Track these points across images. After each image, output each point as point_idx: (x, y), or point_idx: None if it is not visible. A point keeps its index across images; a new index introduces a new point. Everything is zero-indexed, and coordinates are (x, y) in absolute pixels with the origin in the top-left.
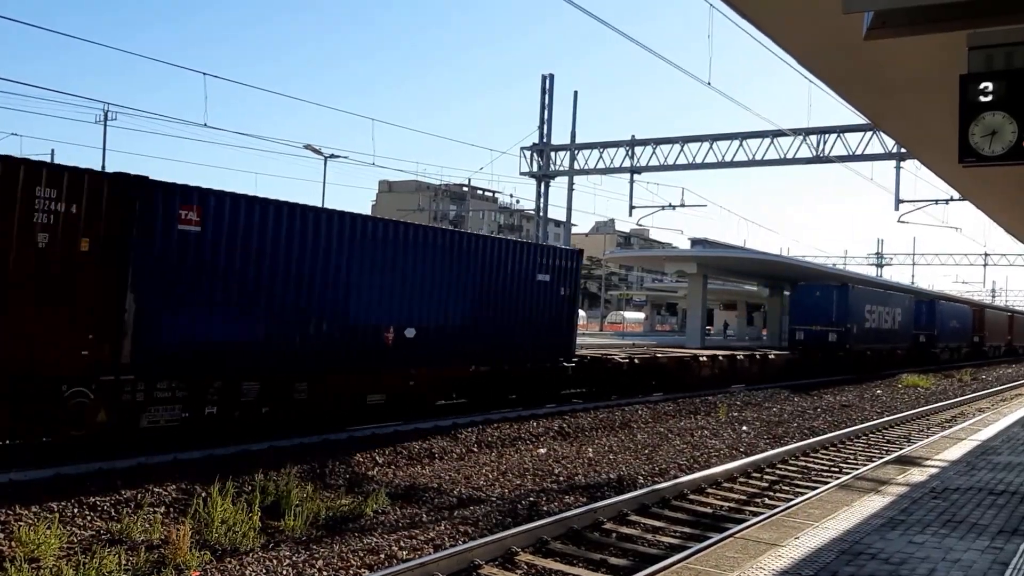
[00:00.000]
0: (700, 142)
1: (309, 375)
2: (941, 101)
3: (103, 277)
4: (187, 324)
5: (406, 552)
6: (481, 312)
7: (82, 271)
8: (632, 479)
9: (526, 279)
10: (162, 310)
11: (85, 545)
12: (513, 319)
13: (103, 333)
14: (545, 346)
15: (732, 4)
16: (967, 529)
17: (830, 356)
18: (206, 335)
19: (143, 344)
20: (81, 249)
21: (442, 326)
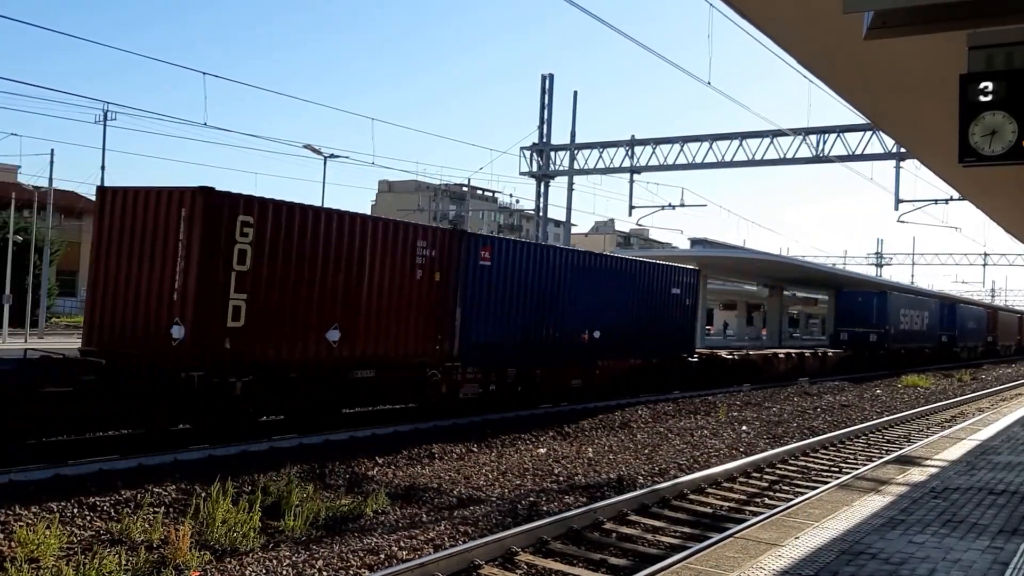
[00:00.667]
0: (700, 142)
1: (541, 365)
2: (941, 101)
3: (445, 297)
4: (482, 328)
5: (406, 552)
6: (637, 318)
7: (435, 293)
8: (632, 479)
9: (665, 292)
10: (471, 318)
11: (85, 545)
12: (657, 323)
13: (445, 335)
14: (677, 344)
15: (732, 4)
16: (967, 529)
17: (872, 354)
18: (490, 336)
19: (463, 342)
20: (435, 279)
21: (614, 329)
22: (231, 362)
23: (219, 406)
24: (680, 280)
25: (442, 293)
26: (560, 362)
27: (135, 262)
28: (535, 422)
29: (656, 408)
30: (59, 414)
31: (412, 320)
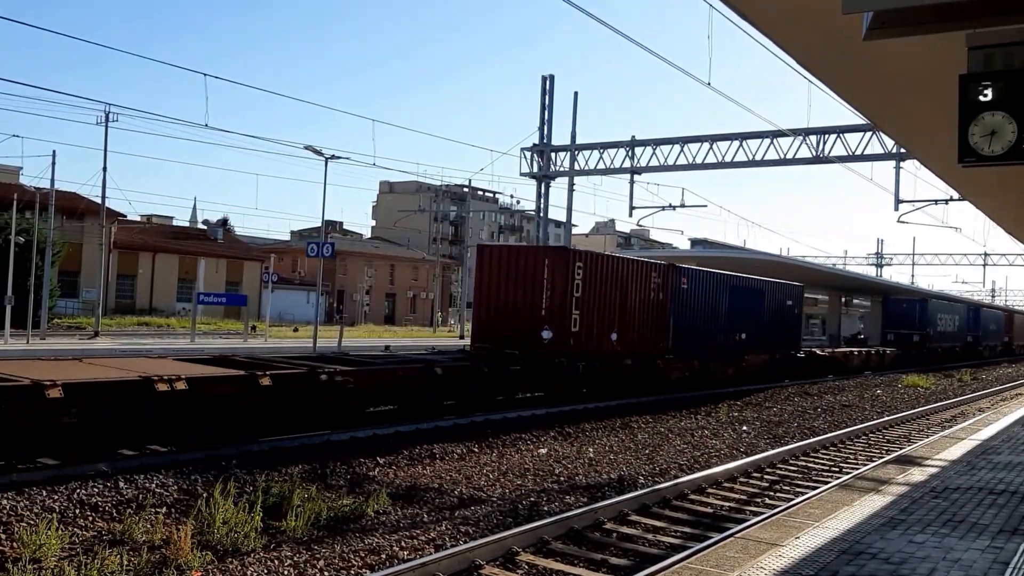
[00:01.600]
0: (700, 142)
1: (714, 358)
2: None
3: (664, 311)
4: (682, 332)
5: (407, 552)
6: (766, 324)
7: (659, 309)
8: (633, 479)
9: (783, 304)
10: (677, 325)
11: (87, 546)
12: (778, 328)
13: (664, 336)
14: (789, 344)
15: (731, 5)
16: (967, 529)
17: (917, 352)
18: (686, 337)
19: (673, 341)
20: (660, 299)
21: (753, 332)
22: (574, 352)
23: (570, 379)
24: (791, 294)
25: (663, 308)
26: (724, 356)
27: (512, 290)
28: (536, 422)
29: (657, 408)
30: (510, 383)
31: (649, 327)
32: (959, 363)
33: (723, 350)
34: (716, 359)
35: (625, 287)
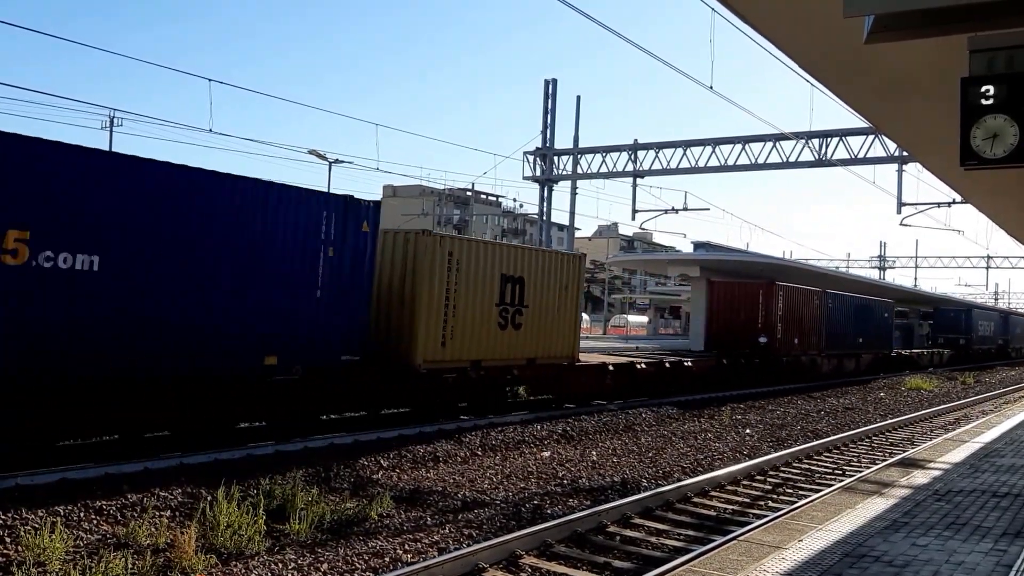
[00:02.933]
0: (703, 146)
1: (846, 355)
2: (942, 104)
3: (821, 323)
4: (831, 335)
5: (410, 555)
6: (872, 329)
7: (818, 322)
8: (636, 482)
9: (882, 315)
10: (828, 330)
11: (91, 549)
12: (879, 334)
13: (821, 338)
14: (883, 346)
15: (733, 9)
16: (971, 531)
17: (963, 353)
18: (833, 340)
19: (826, 342)
20: (818, 315)
21: (865, 337)
22: (779, 353)
23: (778, 370)
24: (886, 308)
25: (820, 321)
26: (850, 354)
27: (736, 311)
28: (539, 425)
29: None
30: (738, 373)
31: (813, 335)
32: (994, 362)
33: (850, 350)
34: (846, 357)
35: (803, 308)
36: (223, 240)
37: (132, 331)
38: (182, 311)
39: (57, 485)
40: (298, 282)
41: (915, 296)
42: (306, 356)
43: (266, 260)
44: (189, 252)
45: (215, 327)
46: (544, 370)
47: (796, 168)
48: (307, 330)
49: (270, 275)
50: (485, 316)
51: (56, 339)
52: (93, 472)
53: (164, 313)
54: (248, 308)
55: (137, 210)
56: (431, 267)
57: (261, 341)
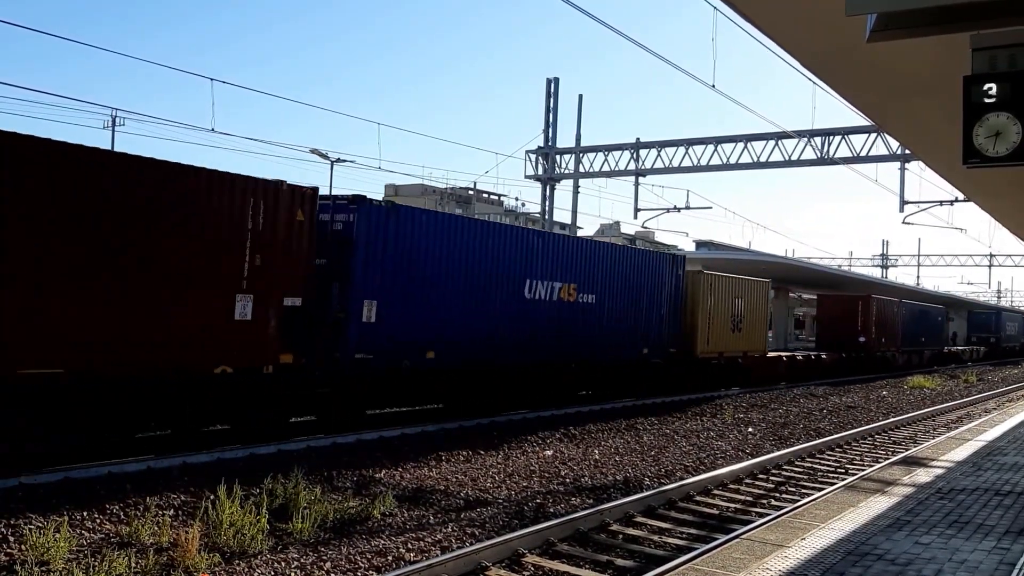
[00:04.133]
0: (705, 145)
1: (911, 354)
2: (945, 102)
3: (897, 325)
4: (901, 336)
5: (413, 554)
6: (929, 330)
7: (896, 324)
8: (638, 481)
9: (936, 319)
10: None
11: (95, 548)
12: (935, 332)
13: (896, 339)
14: (940, 342)
15: (735, 7)
16: (973, 530)
17: (994, 350)
18: (910, 343)
19: (902, 340)
20: (895, 319)
21: (927, 337)
22: (871, 351)
23: (870, 365)
24: (940, 312)
25: (896, 324)
26: (914, 351)
27: (840, 317)
28: (541, 424)
29: (662, 410)
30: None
31: (893, 334)
32: (1018, 358)
33: (917, 347)
34: (914, 352)
35: (885, 314)
36: (646, 282)
37: (604, 336)
38: (625, 324)
39: (60, 484)
40: (661, 303)
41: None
42: (660, 350)
43: (659, 292)
44: (636, 292)
45: (625, 332)
46: (752, 360)
47: (798, 166)
48: (660, 332)
49: (657, 302)
50: (725, 323)
51: (578, 341)
52: (96, 471)
53: (620, 325)
54: (639, 320)
55: (616, 268)
56: (700, 294)
57: (641, 340)
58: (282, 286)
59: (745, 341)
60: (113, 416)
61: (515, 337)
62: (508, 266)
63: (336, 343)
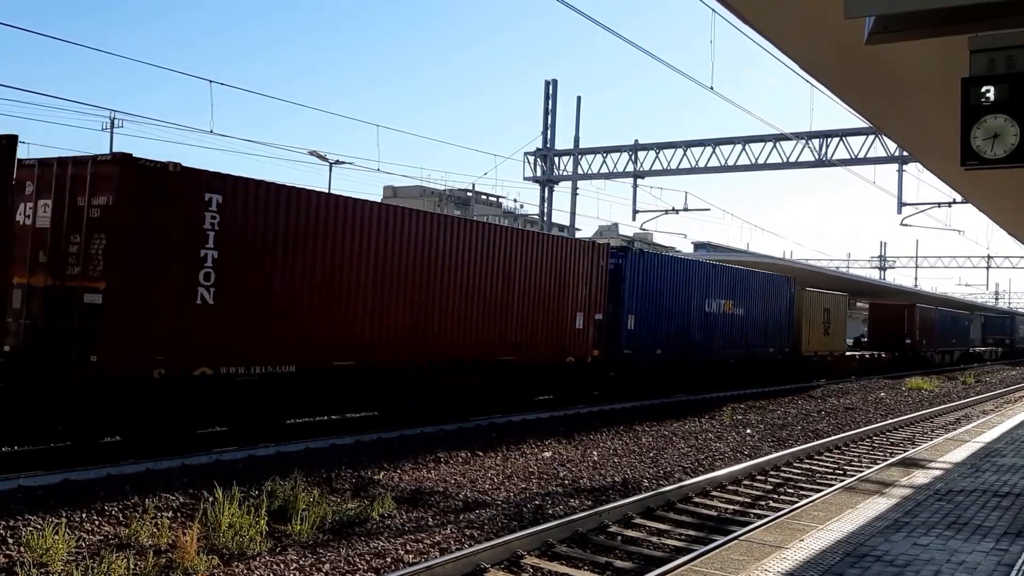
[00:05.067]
0: (703, 146)
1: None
2: (943, 104)
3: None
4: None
5: (412, 556)
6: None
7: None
8: (637, 482)
9: (964, 322)
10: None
11: (93, 550)
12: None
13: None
14: (967, 343)
15: (734, 9)
16: (972, 531)
17: (1009, 350)
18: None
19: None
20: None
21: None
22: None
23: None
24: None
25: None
26: (948, 350)
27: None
28: (540, 426)
29: (661, 411)
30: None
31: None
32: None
33: (949, 347)
34: (947, 352)
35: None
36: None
37: (748, 338)
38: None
39: (59, 486)
40: (780, 313)
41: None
42: (780, 349)
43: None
44: (766, 305)
45: (760, 335)
46: (835, 357)
47: (796, 168)
48: (780, 336)
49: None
50: (819, 328)
51: (734, 342)
52: (95, 473)
53: (757, 330)
54: (769, 326)
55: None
56: (803, 306)
57: (770, 341)
58: (594, 307)
59: (831, 342)
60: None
61: (701, 339)
62: (698, 289)
63: (615, 343)
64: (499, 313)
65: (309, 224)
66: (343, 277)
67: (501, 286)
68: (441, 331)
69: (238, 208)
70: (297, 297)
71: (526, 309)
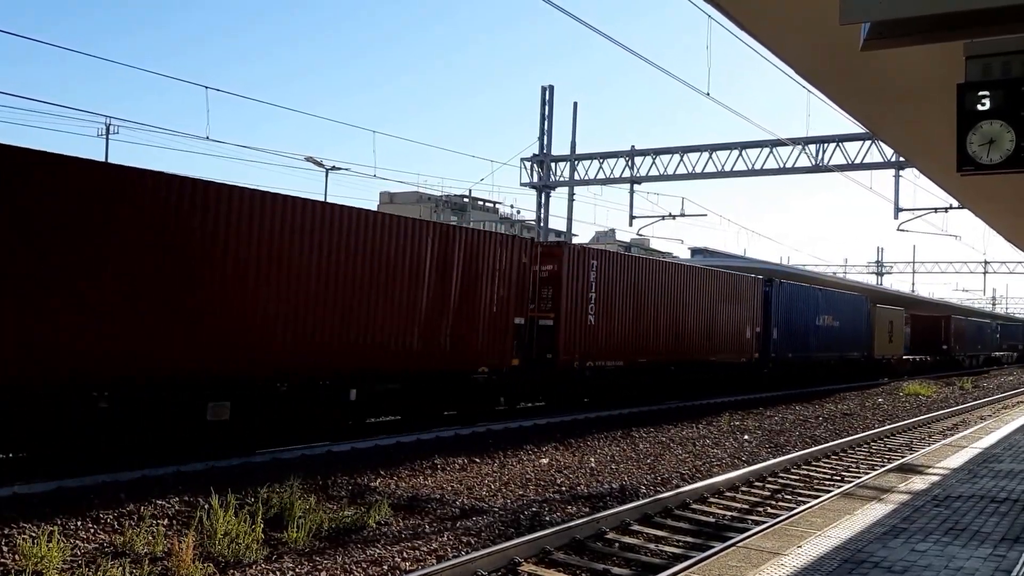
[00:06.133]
0: (700, 152)
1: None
2: (939, 110)
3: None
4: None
5: (409, 563)
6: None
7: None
8: (634, 489)
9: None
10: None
11: (88, 558)
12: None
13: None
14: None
15: (730, 16)
16: (969, 537)
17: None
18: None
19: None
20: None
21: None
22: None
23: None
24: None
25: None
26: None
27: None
28: (536, 432)
29: (659, 417)
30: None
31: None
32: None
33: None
34: (974, 356)
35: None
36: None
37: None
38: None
39: (54, 493)
40: (860, 323)
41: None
42: (860, 352)
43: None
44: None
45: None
46: (895, 360)
47: (793, 174)
48: (860, 342)
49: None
50: (885, 335)
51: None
52: (90, 480)
53: (849, 337)
54: (856, 334)
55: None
56: (876, 318)
57: (856, 347)
58: (755, 323)
59: (893, 348)
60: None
61: (815, 345)
62: (813, 309)
63: (766, 348)
64: (705, 332)
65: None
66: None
67: (700, 312)
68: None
69: (604, 267)
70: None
71: (721, 324)
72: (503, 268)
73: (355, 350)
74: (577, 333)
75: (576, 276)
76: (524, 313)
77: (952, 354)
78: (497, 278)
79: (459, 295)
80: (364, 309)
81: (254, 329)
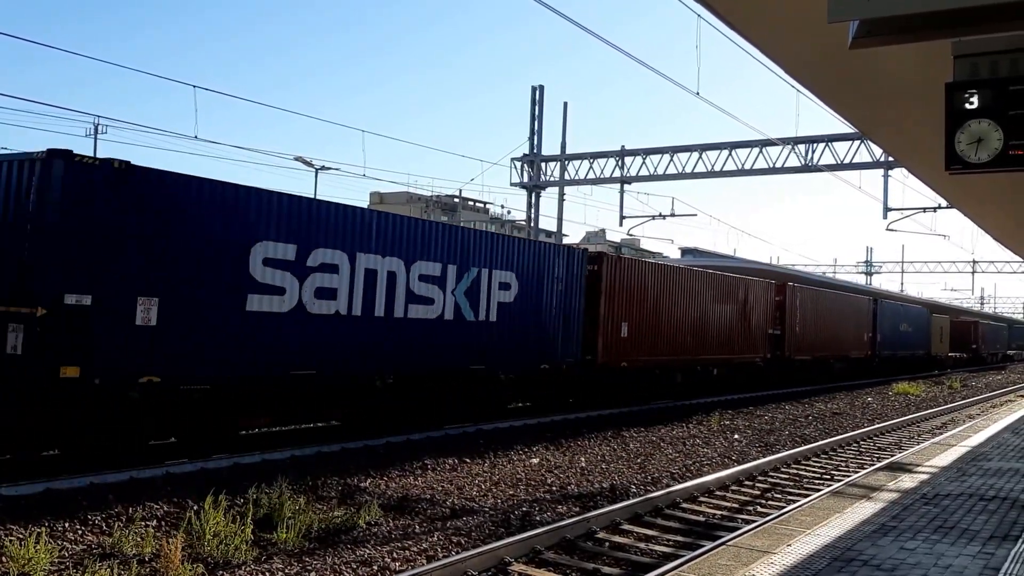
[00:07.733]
0: (689, 152)
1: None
2: (927, 109)
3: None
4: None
5: (399, 563)
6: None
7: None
8: (625, 488)
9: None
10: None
11: (76, 560)
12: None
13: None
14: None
15: (718, 14)
16: (958, 535)
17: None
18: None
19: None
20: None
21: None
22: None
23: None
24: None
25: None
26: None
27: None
28: (527, 432)
29: (649, 417)
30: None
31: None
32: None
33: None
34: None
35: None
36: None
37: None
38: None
39: (42, 495)
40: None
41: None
42: (922, 350)
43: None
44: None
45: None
46: (945, 357)
47: (782, 174)
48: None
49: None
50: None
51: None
52: (78, 482)
53: (914, 339)
54: (919, 336)
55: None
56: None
57: (919, 346)
58: (868, 328)
59: (942, 347)
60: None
61: (899, 344)
62: (898, 319)
63: (874, 347)
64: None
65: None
66: None
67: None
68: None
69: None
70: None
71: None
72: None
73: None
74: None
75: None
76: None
77: (979, 352)
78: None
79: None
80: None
81: (677, 336)
